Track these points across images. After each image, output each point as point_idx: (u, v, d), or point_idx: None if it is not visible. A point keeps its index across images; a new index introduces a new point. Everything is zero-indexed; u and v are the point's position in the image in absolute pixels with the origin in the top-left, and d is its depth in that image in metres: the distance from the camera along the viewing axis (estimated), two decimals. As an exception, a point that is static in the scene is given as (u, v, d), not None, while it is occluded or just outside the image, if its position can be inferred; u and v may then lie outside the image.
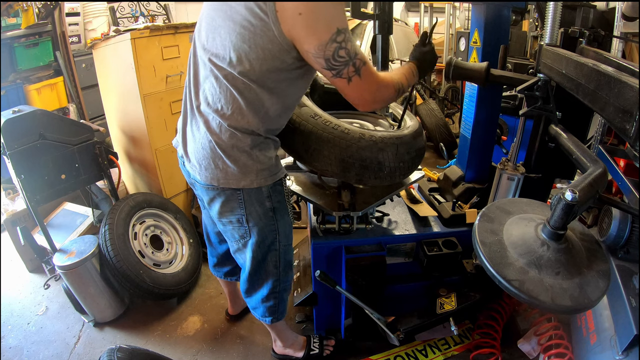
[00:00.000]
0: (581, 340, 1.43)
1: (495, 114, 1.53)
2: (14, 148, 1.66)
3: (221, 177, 1.07)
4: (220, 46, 0.98)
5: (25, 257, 2.23)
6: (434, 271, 1.47)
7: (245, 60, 0.95)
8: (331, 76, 0.95)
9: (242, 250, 1.25)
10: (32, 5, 2.67)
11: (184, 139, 1.16)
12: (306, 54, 0.93)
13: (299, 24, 0.87)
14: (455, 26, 4.32)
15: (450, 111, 3.88)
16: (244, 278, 1.32)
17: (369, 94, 0.99)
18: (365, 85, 0.97)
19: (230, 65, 0.97)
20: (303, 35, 0.89)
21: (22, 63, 2.73)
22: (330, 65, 0.92)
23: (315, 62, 0.92)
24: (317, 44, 0.89)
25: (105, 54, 2.15)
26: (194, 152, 1.10)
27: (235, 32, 0.94)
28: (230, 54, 0.96)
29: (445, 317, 1.48)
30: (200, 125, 1.07)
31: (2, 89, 2.55)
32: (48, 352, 1.73)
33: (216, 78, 1.01)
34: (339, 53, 0.90)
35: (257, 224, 1.17)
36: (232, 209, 1.14)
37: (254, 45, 0.93)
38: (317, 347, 1.62)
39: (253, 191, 1.10)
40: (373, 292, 1.46)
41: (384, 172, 1.22)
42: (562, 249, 0.79)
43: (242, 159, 1.06)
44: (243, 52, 0.95)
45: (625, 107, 0.65)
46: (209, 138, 1.05)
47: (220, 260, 1.57)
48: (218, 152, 1.05)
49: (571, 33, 1.25)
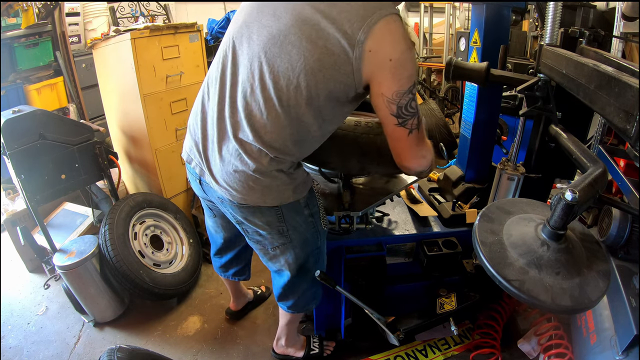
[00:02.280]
0: (581, 340, 1.43)
1: (495, 114, 1.53)
2: (14, 148, 1.66)
3: (258, 198, 1.04)
4: (287, 67, 0.91)
5: (25, 257, 2.23)
6: (434, 271, 1.47)
7: (314, 88, 0.92)
8: (395, 124, 0.96)
9: (278, 257, 1.23)
10: (32, 5, 2.67)
11: (206, 158, 1.07)
12: (379, 97, 0.93)
13: (387, 69, 0.89)
14: (455, 26, 4.32)
15: (450, 111, 3.89)
16: (281, 283, 1.29)
17: (420, 150, 1.03)
18: (420, 140, 1.01)
19: (295, 90, 0.92)
20: (386, 80, 0.91)
21: (22, 63, 2.72)
22: (400, 114, 0.94)
23: (387, 106, 0.93)
24: (396, 91, 0.91)
25: (105, 54, 2.15)
26: (223, 174, 1.04)
27: (314, 57, 0.90)
28: (299, 78, 0.91)
29: (445, 317, 1.48)
30: (234, 146, 1.00)
31: (2, 89, 2.55)
32: (48, 352, 1.73)
33: (267, 101, 0.94)
34: (411, 104, 0.94)
35: (298, 230, 1.16)
36: (270, 224, 1.11)
37: (329, 76, 0.91)
38: (317, 347, 1.62)
39: (291, 205, 1.09)
40: (373, 292, 1.47)
41: (385, 158, 1.21)
42: (562, 249, 0.79)
43: (280, 179, 1.04)
44: (314, 79, 0.91)
45: (625, 107, 0.65)
46: (247, 162, 0.99)
47: (229, 262, 1.55)
48: (255, 176, 1.00)
49: (571, 33, 1.25)
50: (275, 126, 0.96)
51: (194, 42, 2.24)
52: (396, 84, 0.91)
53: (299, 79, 0.91)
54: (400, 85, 0.91)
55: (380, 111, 0.96)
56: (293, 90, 0.93)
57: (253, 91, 0.95)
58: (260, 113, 0.95)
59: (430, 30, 4.54)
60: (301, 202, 1.11)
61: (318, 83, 0.92)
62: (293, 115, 0.95)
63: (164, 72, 2.09)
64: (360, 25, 0.87)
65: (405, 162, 1.04)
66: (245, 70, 0.97)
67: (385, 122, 0.97)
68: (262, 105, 0.95)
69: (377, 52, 0.88)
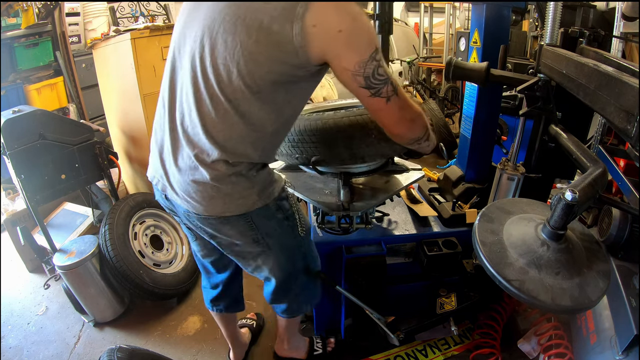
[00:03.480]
0: (581, 340, 1.43)
1: (495, 114, 1.53)
2: (14, 148, 1.66)
3: (221, 207, 0.97)
4: (224, 56, 0.85)
5: (25, 257, 2.23)
6: (434, 271, 1.47)
7: (256, 73, 0.85)
8: (369, 95, 0.89)
9: (261, 266, 1.16)
10: (32, 5, 2.67)
11: (164, 171, 1.00)
12: (343, 72, 0.87)
13: (340, 41, 0.83)
14: (455, 26, 4.32)
15: (450, 111, 3.88)
16: (270, 290, 1.24)
17: (406, 114, 0.95)
18: (403, 105, 0.94)
19: (238, 80, 0.86)
20: (343, 52, 0.84)
21: (22, 63, 2.73)
22: (369, 84, 0.88)
23: (354, 80, 0.87)
24: (357, 61, 0.85)
25: (105, 54, 2.15)
26: (183, 185, 0.96)
27: (251, 39, 0.83)
28: (239, 66, 0.85)
29: (445, 317, 1.48)
30: (187, 153, 0.93)
31: (2, 89, 2.55)
32: (48, 352, 1.73)
33: (213, 98, 0.88)
34: (379, 71, 0.87)
35: (274, 236, 1.09)
36: (243, 233, 1.04)
37: (270, 58, 0.84)
38: (320, 347, 1.61)
39: (260, 210, 1.01)
40: (373, 292, 1.46)
41: (372, 137, 1.18)
42: (562, 249, 0.79)
43: (241, 184, 0.96)
44: (255, 64, 0.84)
45: (626, 107, 0.65)
46: (201, 169, 0.92)
47: (221, 291, 1.40)
48: (214, 184, 0.93)
49: (571, 33, 1.25)
50: (226, 124, 0.89)
51: (194, 42, 2.24)
52: (355, 54, 0.84)
53: (239, 66, 0.84)
54: (360, 54, 0.84)
55: (350, 86, 0.90)
56: (235, 80, 0.86)
57: (198, 89, 0.89)
58: (209, 112, 0.89)
59: (430, 30, 4.54)
60: (271, 206, 1.03)
61: (260, 67, 0.85)
62: (243, 109, 0.89)
63: (164, 72, 2.09)
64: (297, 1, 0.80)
65: (394, 129, 0.97)
66: (187, 71, 0.91)
67: (359, 96, 0.91)
68: (209, 104, 0.88)
69: (322, 26, 0.81)
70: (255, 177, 0.98)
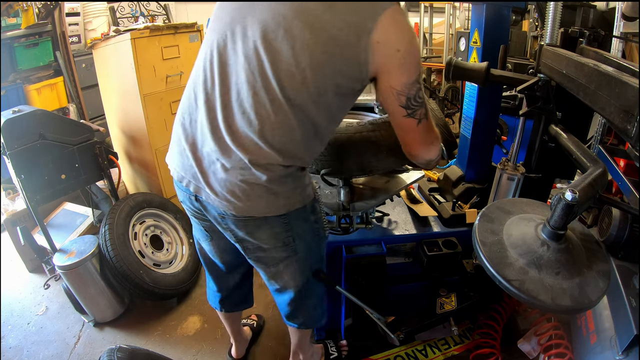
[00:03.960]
0: (581, 340, 1.43)
1: (495, 114, 1.53)
2: (14, 148, 1.66)
3: (265, 207, 0.96)
4: (290, 62, 0.85)
5: (25, 257, 2.23)
6: (434, 271, 1.47)
7: (322, 83, 0.87)
8: (404, 115, 0.94)
9: (281, 273, 1.13)
10: (32, 5, 2.67)
11: (202, 171, 0.96)
12: (388, 90, 0.91)
13: (396, 60, 0.87)
14: (455, 26, 4.32)
15: (450, 111, 3.88)
16: (287, 301, 1.20)
17: (431, 138, 1.01)
18: (429, 128, 0.99)
19: (302, 87, 0.86)
20: (395, 71, 0.88)
21: (22, 63, 2.73)
22: (409, 104, 0.92)
23: (396, 98, 0.91)
24: (405, 82, 0.89)
25: (105, 54, 2.15)
26: (227, 185, 0.93)
27: (320, 50, 0.84)
28: (305, 74, 0.85)
29: (445, 317, 1.48)
30: (237, 154, 0.90)
31: (2, 89, 2.55)
32: (48, 352, 1.73)
33: (274, 102, 0.86)
34: (419, 94, 0.92)
35: (304, 239, 1.08)
36: (276, 235, 1.03)
37: (336, 69, 0.86)
38: (335, 351, 1.59)
39: (298, 211, 1.01)
40: (373, 292, 1.46)
41: (382, 153, 1.20)
42: (562, 249, 0.79)
43: (289, 185, 0.96)
44: (321, 73, 0.86)
45: (626, 107, 0.65)
46: (254, 170, 0.90)
47: (231, 291, 1.38)
48: (265, 184, 0.92)
49: (571, 33, 1.25)
50: (285, 129, 0.89)
51: (194, 42, 2.25)
52: (405, 75, 0.89)
53: (304, 74, 0.85)
54: (409, 76, 0.89)
55: (389, 104, 0.93)
56: (299, 87, 0.86)
57: (256, 94, 0.87)
58: (268, 116, 0.88)
59: (430, 30, 4.54)
60: (307, 207, 1.04)
61: (326, 78, 0.87)
62: (302, 115, 0.90)
63: (164, 72, 2.09)
64: (367, 15, 0.83)
65: (415, 151, 1.03)
66: (242, 71, 0.88)
67: (394, 114, 0.95)
68: (268, 108, 0.87)
69: (385, 44, 0.84)
70: (301, 178, 1.00)
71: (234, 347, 1.62)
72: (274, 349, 1.71)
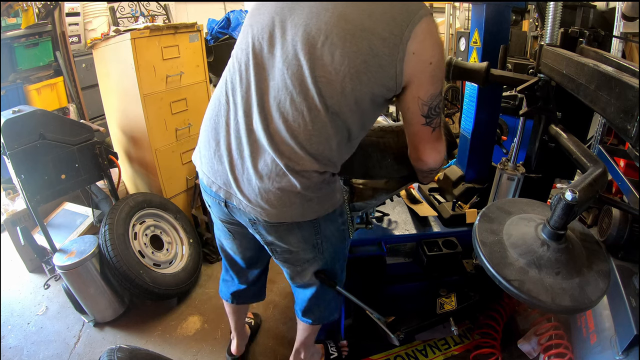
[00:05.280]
0: (581, 340, 1.43)
1: (495, 114, 1.53)
2: (14, 148, 1.66)
3: (298, 214, 0.96)
4: (330, 70, 0.84)
5: (25, 257, 2.23)
6: (434, 271, 1.47)
7: (359, 92, 0.87)
8: (422, 123, 0.95)
9: (306, 271, 1.15)
10: (32, 5, 2.67)
11: (234, 178, 0.95)
12: (413, 99, 0.91)
13: (427, 72, 0.88)
14: (455, 26, 4.32)
15: (450, 111, 3.88)
16: (307, 296, 1.23)
17: (439, 145, 1.02)
18: (440, 136, 1.01)
19: (341, 95, 0.86)
20: (424, 82, 0.89)
21: (22, 63, 2.73)
22: (429, 114, 0.93)
23: (419, 108, 0.92)
24: (432, 93, 0.91)
25: (105, 54, 2.15)
26: (260, 192, 0.92)
27: (359, 59, 0.83)
28: (344, 82, 0.85)
29: (445, 317, 1.48)
30: (273, 159, 0.90)
31: (2, 89, 2.55)
32: (48, 352, 1.73)
33: (312, 110, 0.86)
34: (439, 105, 0.94)
35: (331, 241, 1.09)
36: (306, 238, 1.03)
37: (373, 79, 0.86)
38: (335, 351, 1.60)
39: (329, 214, 1.02)
40: (373, 292, 1.46)
41: (388, 160, 1.21)
42: (562, 249, 0.79)
43: (323, 190, 0.97)
44: (359, 82, 0.85)
45: (626, 107, 0.65)
46: (290, 177, 0.90)
47: (249, 284, 1.40)
48: (300, 191, 0.92)
49: (571, 33, 1.25)
50: (322, 136, 0.89)
51: (194, 42, 2.24)
52: (432, 86, 0.90)
53: (343, 83, 0.85)
54: (436, 87, 0.91)
55: (411, 112, 0.94)
56: (338, 95, 0.86)
57: (293, 100, 0.87)
58: (305, 123, 0.88)
59: (430, 30, 4.54)
60: (337, 210, 1.04)
61: (363, 86, 0.86)
62: (339, 122, 0.90)
63: (164, 72, 2.09)
64: (405, 25, 0.83)
65: (424, 156, 1.03)
66: (280, 76, 0.88)
67: (412, 121, 0.96)
68: (305, 115, 0.87)
69: (420, 55, 0.85)
70: (332, 184, 1.00)
71: (235, 344, 1.63)
72: (273, 348, 1.72)
